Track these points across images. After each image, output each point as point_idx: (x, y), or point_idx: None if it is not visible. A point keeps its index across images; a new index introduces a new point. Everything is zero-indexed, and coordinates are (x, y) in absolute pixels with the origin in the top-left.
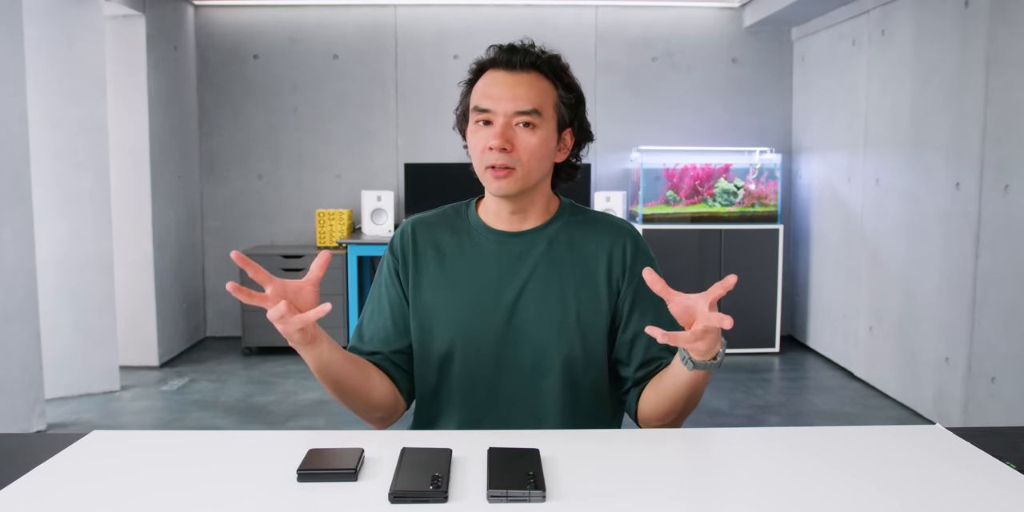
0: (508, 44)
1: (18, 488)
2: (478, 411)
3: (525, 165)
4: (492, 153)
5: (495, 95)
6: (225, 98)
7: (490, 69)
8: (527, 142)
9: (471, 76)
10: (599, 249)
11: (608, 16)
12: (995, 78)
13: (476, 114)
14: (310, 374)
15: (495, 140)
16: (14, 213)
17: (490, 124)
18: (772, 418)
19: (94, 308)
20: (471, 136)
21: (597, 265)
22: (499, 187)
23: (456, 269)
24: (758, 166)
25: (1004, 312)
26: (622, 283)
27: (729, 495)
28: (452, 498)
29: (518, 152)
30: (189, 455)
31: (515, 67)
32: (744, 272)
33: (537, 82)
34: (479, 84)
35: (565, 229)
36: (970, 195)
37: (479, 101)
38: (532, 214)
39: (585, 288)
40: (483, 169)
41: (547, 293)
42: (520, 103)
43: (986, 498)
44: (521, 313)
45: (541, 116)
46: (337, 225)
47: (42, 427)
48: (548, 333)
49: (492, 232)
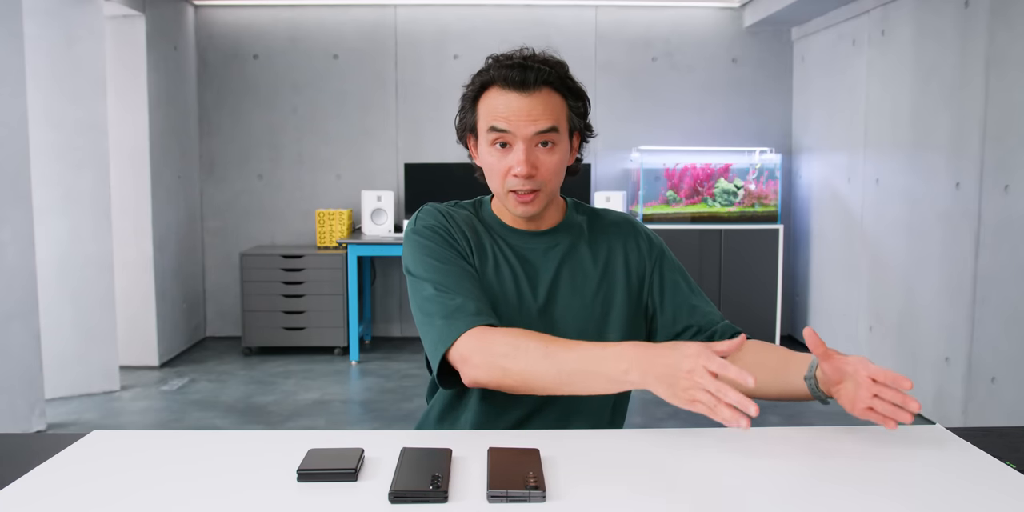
0: (514, 60)
1: (18, 488)
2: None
3: (548, 184)
4: (517, 179)
5: (512, 117)
6: (225, 98)
7: (498, 87)
8: (549, 162)
9: (473, 91)
10: (614, 245)
11: (608, 16)
12: (995, 78)
13: (492, 134)
14: (310, 374)
15: (520, 167)
16: (14, 213)
17: (507, 146)
18: (772, 418)
19: (94, 308)
20: (487, 157)
21: (615, 260)
22: (525, 211)
23: (497, 265)
24: (758, 166)
25: (1004, 312)
26: (645, 273)
27: (729, 495)
28: (452, 498)
29: (541, 174)
30: (189, 455)
31: (528, 87)
32: (744, 272)
33: (550, 99)
34: (489, 102)
35: (581, 226)
36: (970, 195)
37: (495, 121)
38: (547, 217)
39: (606, 285)
40: (506, 192)
41: (575, 287)
42: (540, 124)
43: (986, 498)
44: (552, 308)
45: (558, 132)
46: (337, 225)
47: (42, 427)
48: (579, 326)
49: (513, 232)
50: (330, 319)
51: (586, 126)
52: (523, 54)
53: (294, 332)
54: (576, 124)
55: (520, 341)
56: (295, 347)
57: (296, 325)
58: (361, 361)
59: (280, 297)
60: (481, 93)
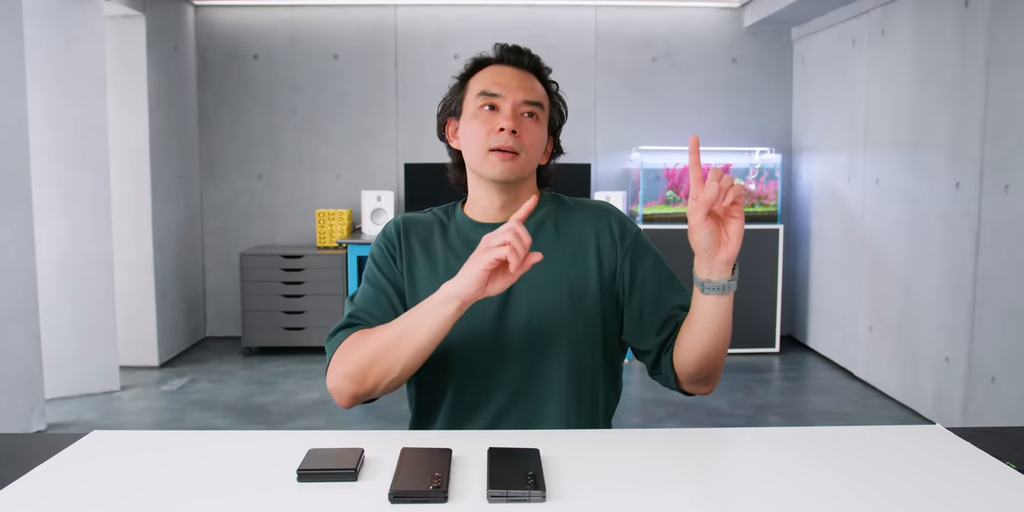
0: (512, 45)
1: (18, 488)
2: (478, 400)
3: (528, 151)
4: (501, 135)
5: (505, 83)
6: (225, 98)
7: (493, 64)
8: (531, 130)
9: (467, 71)
10: (585, 231)
11: (608, 16)
12: (995, 78)
13: (483, 99)
14: (310, 374)
15: (507, 121)
16: (14, 213)
17: (495, 110)
18: (772, 418)
19: (94, 308)
20: (472, 121)
21: (586, 247)
22: (503, 169)
23: (448, 263)
24: (758, 166)
25: (1004, 312)
26: (616, 260)
27: (729, 495)
28: (452, 498)
29: (523, 138)
30: (189, 455)
31: (523, 66)
32: (744, 272)
33: (540, 86)
34: (484, 74)
35: (550, 216)
36: (970, 195)
37: (488, 87)
38: (519, 207)
39: (575, 269)
40: (486, 152)
41: (538, 278)
42: (529, 93)
43: (986, 498)
44: (515, 299)
45: (543, 110)
46: (337, 225)
47: (42, 427)
48: (543, 317)
49: (479, 226)
50: (330, 319)
51: (557, 136)
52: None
53: (294, 332)
54: (556, 120)
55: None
56: (295, 347)
57: (296, 325)
58: None
59: (280, 297)
60: (475, 72)
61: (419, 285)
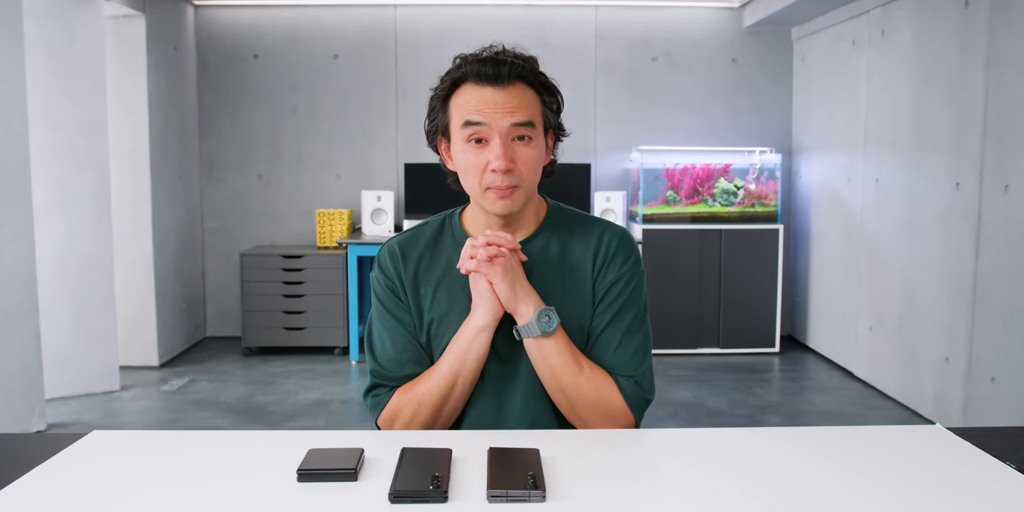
0: (487, 56)
1: (18, 488)
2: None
3: (526, 180)
4: (495, 175)
5: (487, 110)
6: (225, 98)
7: (470, 83)
8: (526, 157)
9: (444, 90)
10: (585, 255)
11: (608, 16)
12: (995, 78)
13: (468, 129)
14: (310, 374)
15: (498, 162)
16: (14, 213)
17: (483, 142)
18: (772, 418)
19: (94, 308)
20: (462, 156)
21: (584, 271)
22: (504, 206)
23: (451, 286)
24: (758, 166)
25: (1004, 312)
26: (604, 296)
27: (729, 495)
28: (452, 498)
29: (519, 169)
30: (189, 455)
31: (502, 81)
32: (744, 272)
33: (525, 93)
34: (462, 98)
35: (555, 237)
36: (970, 195)
37: (469, 115)
38: (523, 224)
39: (573, 296)
40: (483, 190)
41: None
42: (516, 116)
43: (986, 498)
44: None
45: (535, 127)
46: (337, 225)
47: (42, 427)
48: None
49: None
50: (330, 319)
51: (559, 125)
52: (494, 50)
53: (294, 332)
54: (550, 121)
55: (413, 393)
56: (295, 347)
57: (296, 325)
58: (361, 361)
59: (280, 297)
60: (452, 91)
61: (431, 307)
